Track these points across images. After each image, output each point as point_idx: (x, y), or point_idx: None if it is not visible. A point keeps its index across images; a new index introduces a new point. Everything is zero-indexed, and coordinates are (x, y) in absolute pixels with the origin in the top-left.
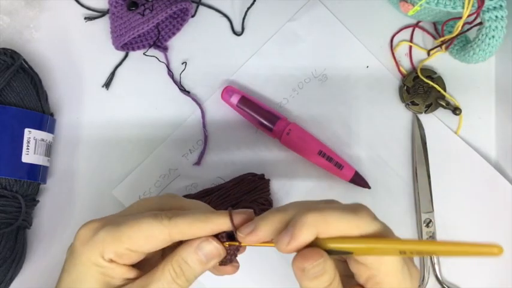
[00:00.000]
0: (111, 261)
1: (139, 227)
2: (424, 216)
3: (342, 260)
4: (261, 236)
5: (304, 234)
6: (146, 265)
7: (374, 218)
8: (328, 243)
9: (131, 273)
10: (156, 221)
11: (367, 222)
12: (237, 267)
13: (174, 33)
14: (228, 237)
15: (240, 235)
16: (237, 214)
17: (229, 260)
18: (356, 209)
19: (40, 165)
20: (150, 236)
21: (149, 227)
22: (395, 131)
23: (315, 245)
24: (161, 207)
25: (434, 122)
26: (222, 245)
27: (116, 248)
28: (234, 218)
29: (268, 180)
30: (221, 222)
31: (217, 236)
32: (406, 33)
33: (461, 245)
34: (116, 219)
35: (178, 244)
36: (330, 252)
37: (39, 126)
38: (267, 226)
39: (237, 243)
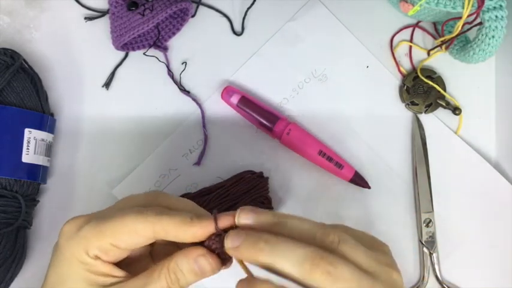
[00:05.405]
0: (96, 257)
1: (123, 222)
2: (424, 216)
3: None
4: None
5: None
6: (133, 265)
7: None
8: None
9: (117, 272)
10: (140, 216)
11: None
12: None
13: (174, 33)
14: (217, 236)
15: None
16: (223, 217)
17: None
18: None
19: (40, 165)
20: (134, 231)
21: (133, 222)
22: (395, 131)
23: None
24: (148, 204)
25: (434, 122)
26: (217, 261)
27: (99, 243)
28: (220, 221)
29: (267, 178)
30: (206, 226)
31: (207, 240)
32: (406, 33)
33: None
34: (101, 215)
35: (170, 247)
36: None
37: (39, 126)
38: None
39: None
